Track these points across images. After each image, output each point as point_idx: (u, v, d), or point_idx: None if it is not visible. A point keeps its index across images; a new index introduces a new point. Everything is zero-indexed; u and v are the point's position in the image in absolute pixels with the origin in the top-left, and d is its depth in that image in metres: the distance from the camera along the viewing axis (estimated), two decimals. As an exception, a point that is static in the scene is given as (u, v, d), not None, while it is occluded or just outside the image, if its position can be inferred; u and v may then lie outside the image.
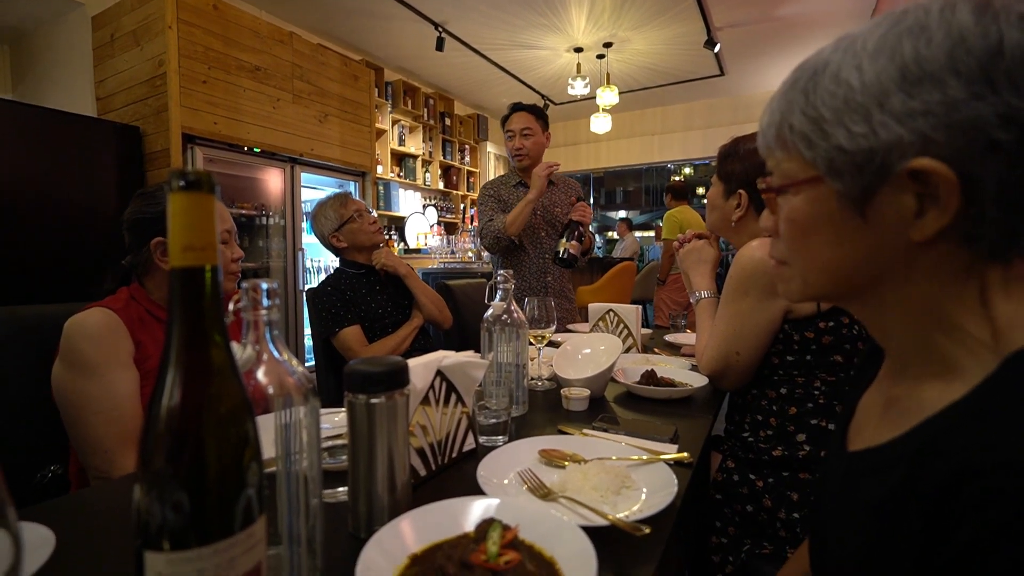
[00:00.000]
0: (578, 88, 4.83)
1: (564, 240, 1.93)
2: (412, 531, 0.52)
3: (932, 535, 0.33)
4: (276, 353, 0.46)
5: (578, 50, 4.77)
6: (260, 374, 0.45)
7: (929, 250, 0.38)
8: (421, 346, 1.80)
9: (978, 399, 0.35)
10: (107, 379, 0.92)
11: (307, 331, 3.29)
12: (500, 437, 0.85)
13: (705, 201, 1.30)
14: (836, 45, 0.41)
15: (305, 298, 1.85)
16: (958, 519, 0.31)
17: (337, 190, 3.89)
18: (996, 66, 0.34)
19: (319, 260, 4.00)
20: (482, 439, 0.85)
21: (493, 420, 0.85)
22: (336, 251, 1.79)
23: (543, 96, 5.95)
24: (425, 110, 5.38)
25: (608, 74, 5.01)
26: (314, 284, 1.80)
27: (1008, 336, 0.36)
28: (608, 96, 4.85)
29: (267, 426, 0.45)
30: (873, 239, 0.40)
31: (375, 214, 1.83)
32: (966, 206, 0.36)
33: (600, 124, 5.23)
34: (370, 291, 1.77)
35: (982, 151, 0.34)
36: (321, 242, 1.81)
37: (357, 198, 1.84)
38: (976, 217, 0.36)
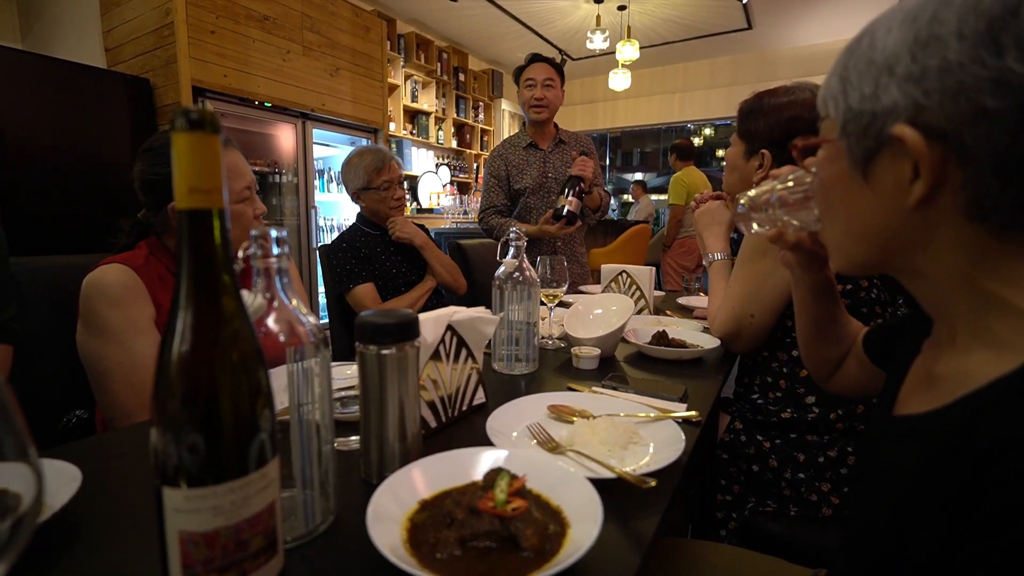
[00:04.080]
0: (597, 42, 4.63)
1: (563, 196, 1.89)
2: (422, 478, 0.54)
3: (963, 504, 0.32)
4: (287, 301, 0.46)
5: (598, 0, 4.55)
6: (271, 322, 0.45)
7: (941, 222, 0.37)
8: (435, 307, 1.80)
9: None
10: (128, 344, 0.91)
11: (321, 289, 3.33)
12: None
13: (724, 163, 1.26)
14: (893, 7, 0.39)
15: (319, 254, 1.86)
16: (988, 489, 0.31)
17: (350, 147, 3.86)
18: (1007, 28, 0.32)
19: (332, 218, 4.00)
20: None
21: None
22: (356, 202, 1.79)
23: (560, 51, 5.73)
24: (439, 64, 5.22)
25: (629, 27, 4.80)
26: (327, 242, 1.80)
27: None
28: (628, 51, 4.65)
29: (280, 375, 0.45)
30: (877, 203, 0.40)
31: (405, 184, 1.79)
32: (964, 177, 0.35)
33: (619, 81, 5.05)
34: (385, 251, 1.77)
35: (972, 118, 0.33)
36: (346, 189, 1.80)
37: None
38: (977, 190, 0.35)
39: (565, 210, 1.87)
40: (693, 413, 0.77)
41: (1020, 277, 0.36)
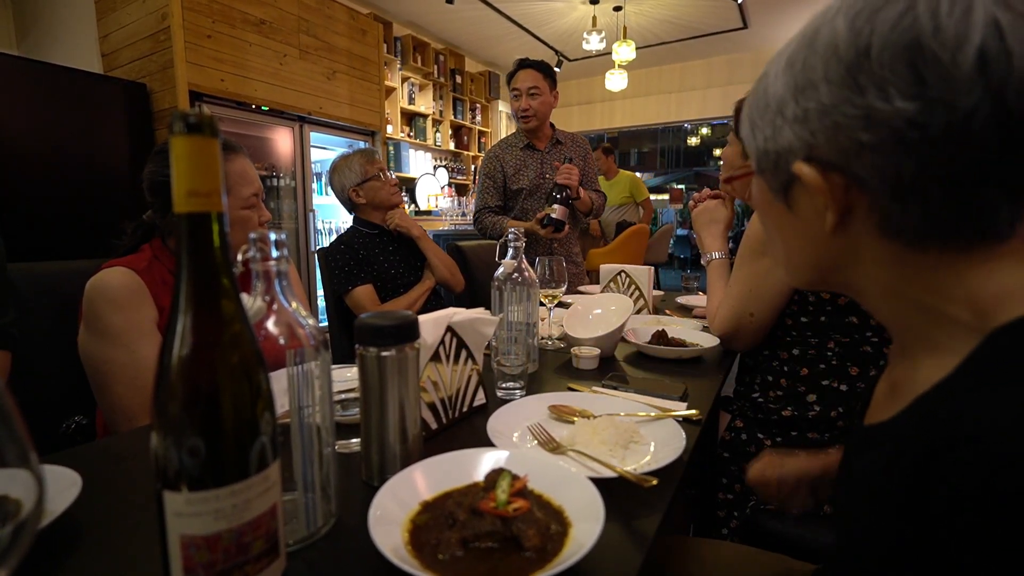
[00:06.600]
0: (593, 43, 4.64)
1: (549, 205, 1.93)
2: (424, 479, 0.54)
3: (911, 506, 0.33)
4: (286, 304, 0.46)
5: (594, 1, 4.56)
6: (271, 324, 0.45)
7: (860, 243, 0.40)
8: (433, 307, 1.81)
9: (962, 376, 0.35)
10: (131, 347, 0.91)
11: (320, 292, 3.33)
12: (518, 391, 0.86)
13: (721, 162, 1.26)
14: (775, 55, 0.43)
15: (317, 257, 1.86)
16: (931, 492, 0.32)
17: (348, 150, 3.86)
18: (862, 70, 0.34)
19: (331, 221, 4.00)
20: (500, 393, 0.87)
21: (511, 378, 0.86)
22: (352, 207, 1.78)
23: (557, 52, 5.73)
24: (435, 67, 5.22)
25: (625, 28, 4.80)
26: (326, 245, 1.80)
27: (993, 315, 0.36)
28: (624, 51, 4.65)
29: (281, 378, 0.45)
30: (803, 229, 0.43)
31: (394, 175, 1.82)
32: (868, 202, 0.37)
33: (615, 81, 5.05)
34: (383, 251, 1.77)
35: (856, 152, 0.36)
36: (337, 195, 1.79)
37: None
38: (882, 212, 0.37)
39: (547, 219, 1.92)
40: (694, 412, 0.77)
41: (944, 286, 0.38)
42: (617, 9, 4.68)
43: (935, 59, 0.32)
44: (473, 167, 5.94)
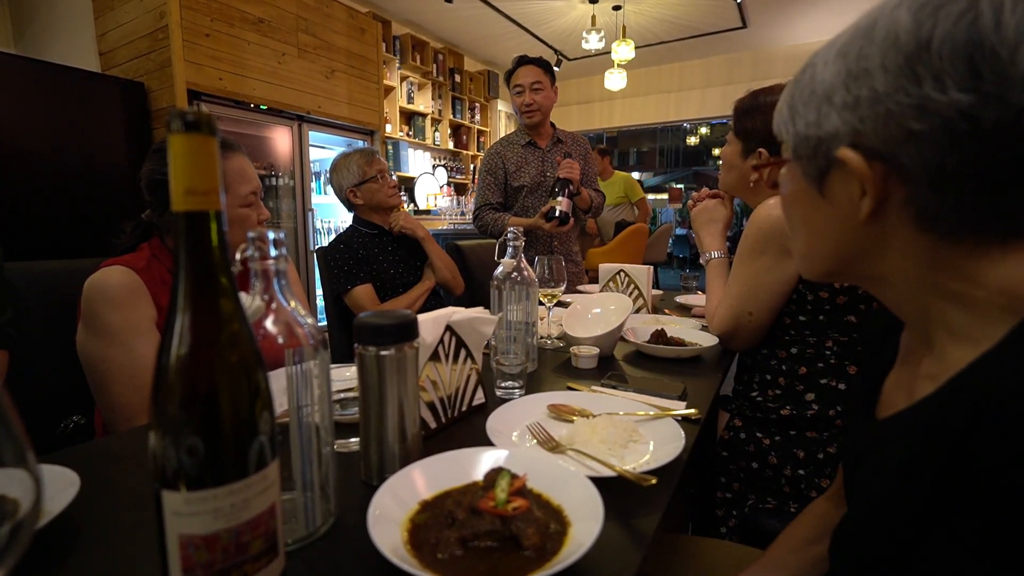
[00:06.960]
0: (592, 42, 4.63)
1: (553, 199, 1.93)
2: (423, 478, 0.54)
3: (956, 476, 0.34)
4: (285, 303, 0.46)
5: (593, 1, 4.56)
6: (269, 323, 0.45)
7: (893, 234, 0.40)
8: (433, 307, 1.80)
9: (1002, 350, 0.35)
10: (130, 347, 0.91)
11: (319, 291, 3.33)
12: (517, 390, 0.86)
13: (720, 161, 1.26)
14: (830, 41, 0.43)
15: (316, 257, 1.85)
16: (978, 455, 0.32)
17: (348, 149, 3.86)
18: (921, 60, 0.35)
19: (329, 221, 3.99)
20: (499, 392, 0.86)
21: (510, 377, 0.86)
22: (350, 206, 1.78)
23: (556, 51, 5.73)
24: (434, 66, 5.22)
25: (624, 27, 4.80)
26: (325, 244, 1.80)
27: None
28: (624, 51, 4.65)
29: (279, 377, 0.45)
30: (834, 217, 0.44)
31: (394, 176, 1.82)
32: (907, 192, 0.38)
33: (615, 81, 5.04)
34: (383, 251, 1.77)
35: (903, 140, 0.36)
36: (336, 194, 1.79)
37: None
38: (920, 203, 0.38)
39: (554, 212, 1.91)
40: (692, 411, 0.77)
41: (976, 274, 0.38)
42: (616, 8, 4.67)
43: (994, 55, 0.32)
44: (472, 166, 5.94)
